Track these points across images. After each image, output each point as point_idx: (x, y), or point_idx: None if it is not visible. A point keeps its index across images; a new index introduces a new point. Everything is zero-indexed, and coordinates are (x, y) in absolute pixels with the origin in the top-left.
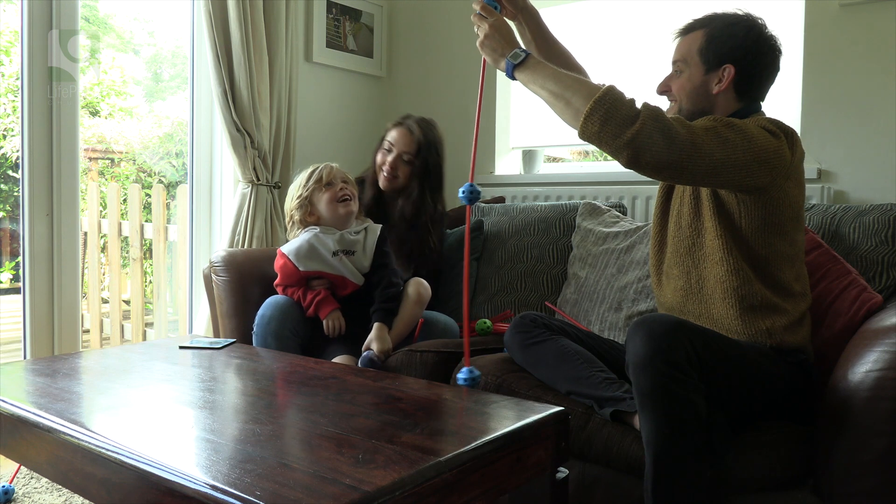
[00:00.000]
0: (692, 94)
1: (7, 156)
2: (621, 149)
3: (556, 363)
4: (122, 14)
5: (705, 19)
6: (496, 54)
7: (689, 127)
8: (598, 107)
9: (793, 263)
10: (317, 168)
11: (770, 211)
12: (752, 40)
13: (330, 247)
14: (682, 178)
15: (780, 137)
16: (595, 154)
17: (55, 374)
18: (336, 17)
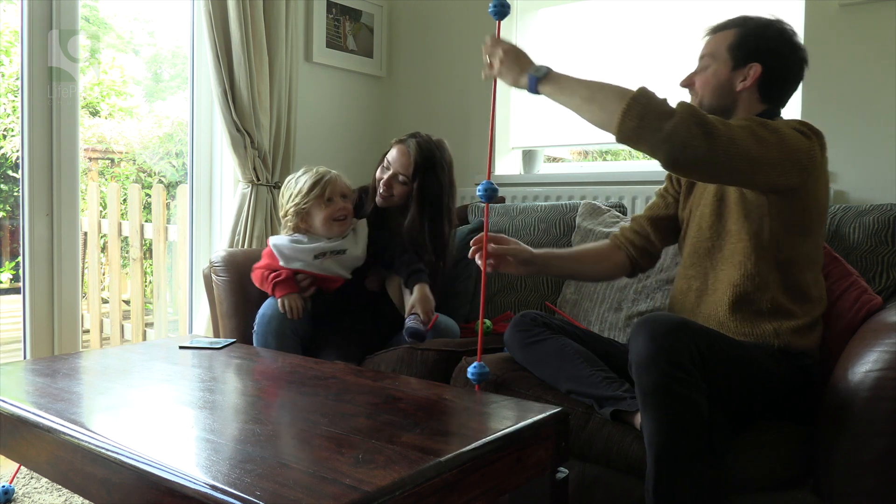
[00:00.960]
0: (716, 89)
1: (7, 156)
2: (661, 144)
3: (557, 362)
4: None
5: (739, 19)
6: (514, 73)
7: (726, 123)
8: (635, 104)
9: (814, 266)
10: (320, 178)
11: (798, 212)
12: (781, 43)
13: (313, 251)
14: (720, 176)
15: (812, 138)
16: (595, 154)
17: (55, 374)
18: (336, 18)
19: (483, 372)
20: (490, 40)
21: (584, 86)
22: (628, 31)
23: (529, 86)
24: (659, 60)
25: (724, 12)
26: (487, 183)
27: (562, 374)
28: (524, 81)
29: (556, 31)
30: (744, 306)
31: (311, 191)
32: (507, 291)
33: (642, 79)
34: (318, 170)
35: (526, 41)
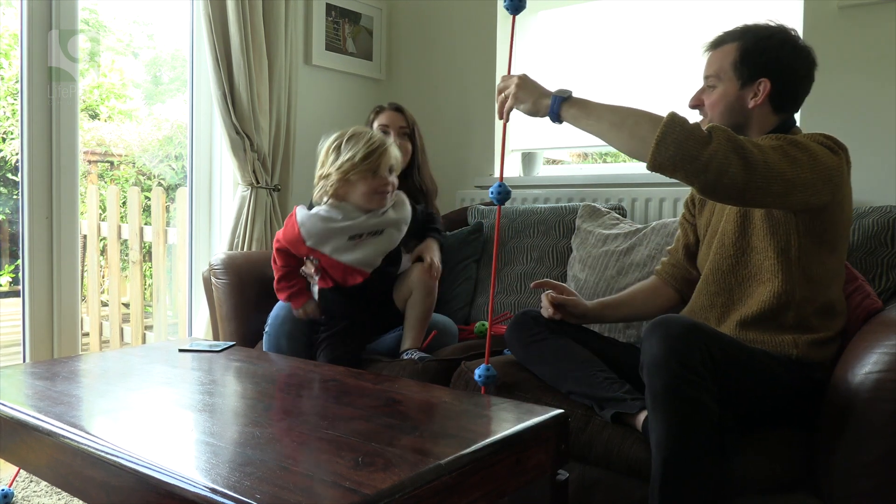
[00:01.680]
0: (727, 110)
1: (6, 159)
2: (700, 172)
3: (557, 362)
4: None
5: (737, 32)
6: (533, 98)
7: (759, 146)
8: (670, 131)
9: (839, 281)
10: (374, 149)
11: (827, 228)
12: (787, 53)
13: (348, 230)
14: (755, 201)
15: (839, 153)
16: (594, 156)
17: (55, 377)
18: (335, 20)
19: (490, 374)
20: (502, 77)
21: (612, 111)
22: (628, 33)
23: (552, 109)
24: (660, 62)
25: (724, 13)
26: (499, 185)
27: (562, 373)
28: (545, 104)
29: (556, 33)
30: (769, 321)
31: (364, 161)
32: (506, 293)
33: (643, 81)
34: (371, 137)
35: (526, 43)
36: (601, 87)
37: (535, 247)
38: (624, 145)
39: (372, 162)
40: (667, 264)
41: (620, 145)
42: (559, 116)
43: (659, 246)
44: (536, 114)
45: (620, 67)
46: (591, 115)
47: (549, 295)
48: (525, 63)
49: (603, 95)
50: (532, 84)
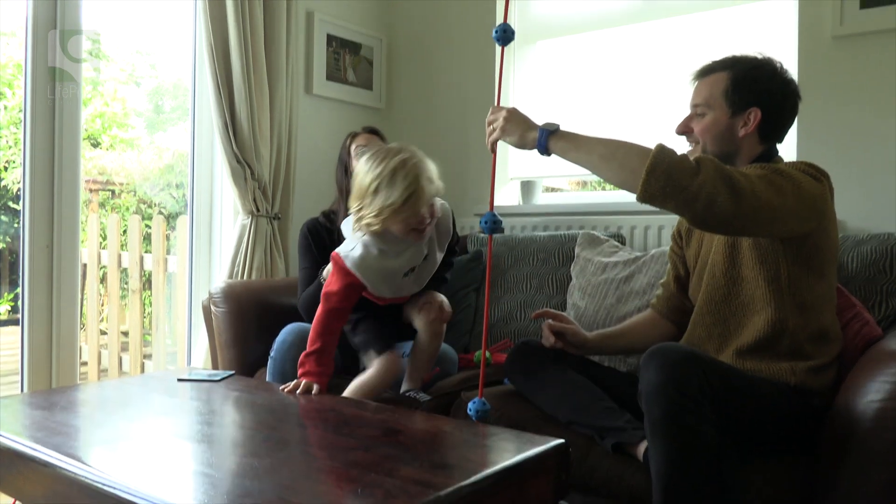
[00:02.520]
0: (718, 137)
1: (8, 187)
2: (690, 202)
3: (557, 391)
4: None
5: (727, 61)
6: (520, 130)
7: (745, 175)
8: (659, 162)
9: (831, 306)
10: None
11: (814, 254)
12: (777, 85)
13: (401, 268)
14: (743, 230)
15: (822, 181)
16: (593, 184)
17: (53, 407)
18: (336, 51)
19: (484, 408)
20: (491, 109)
21: (601, 143)
22: (625, 62)
23: (539, 142)
24: (655, 90)
25: (719, 43)
26: (490, 214)
27: (562, 403)
28: (532, 137)
29: (555, 62)
30: (764, 349)
31: (405, 204)
32: (506, 321)
33: (639, 108)
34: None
35: (525, 72)
36: (599, 114)
37: (535, 275)
38: (614, 177)
39: (414, 204)
40: (661, 297)
41: (610, 177)
42: (547, 149)
43: (658, 273)
44: (524, 146)
45: (617, 96)
46: (581, 147)
47: (549, 323)
48: (524, 92)
49: (601, 122)
50: (520, 117)
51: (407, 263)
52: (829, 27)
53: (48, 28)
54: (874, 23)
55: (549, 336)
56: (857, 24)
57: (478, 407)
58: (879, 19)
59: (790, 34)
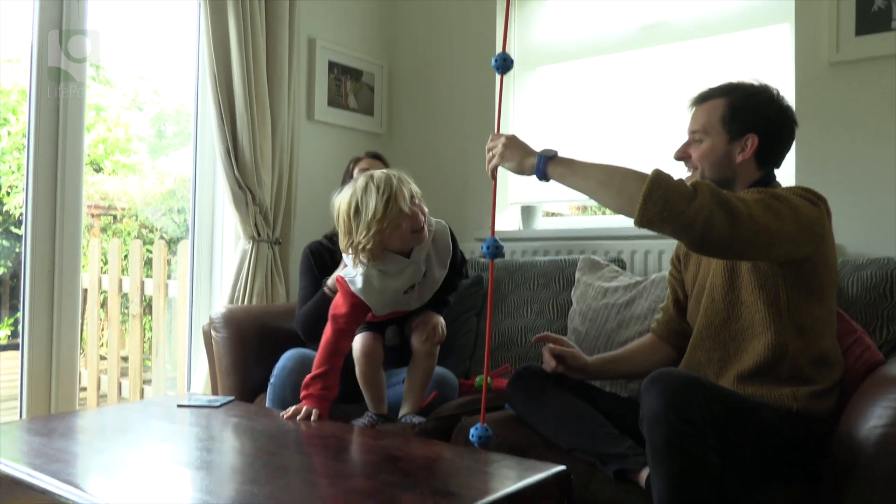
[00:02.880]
0: (716, 163)
1: (10, 212)
2: (687, 227)
3: (559, 417)
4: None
5: (725, 88)
6: (519, 157)
7: (743, 199)
8: (656, 187)
9: (831, 330)
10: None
11: (813, 278)
12: (774, 111)
13: (402, 286)
14: (741, 254)
15: (819, 205)
16: (593, 208)
17: (51, 433)
18: (337, 77)
19: (486, 435)
20: (491, 136)
21: (598, 169)
22: (623, 87)
23: (538, 168)
24: (653, 115)
25: (717, 69)
26: (492, 240)
27: (564, 429)
28: (530, 163)
29: (554, 88)
30: (765, 374)
31: (387, 210)
32: (507, 346)
33: (638, 135)
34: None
35: (525, 98)
36: (598, 140)
37: (536, 299)
38: (612, 202)
39: (395, 207)
40: (661, 321)
41: (608, 202)
42: (545, 175)
43: (659, 298)
44: (522, 172)
45: (616, 121)
46: (578, 173)
47: (550, 347)
48: (524, 117)
49: (600, 148)
50: (519, 143)
51: (407, 281)
52: (825, 54)
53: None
54: (870, 49)
55: (549, 360)
56: (853, 50)
57: (480, 433)
58: (875, 46)
59: (787, 60)
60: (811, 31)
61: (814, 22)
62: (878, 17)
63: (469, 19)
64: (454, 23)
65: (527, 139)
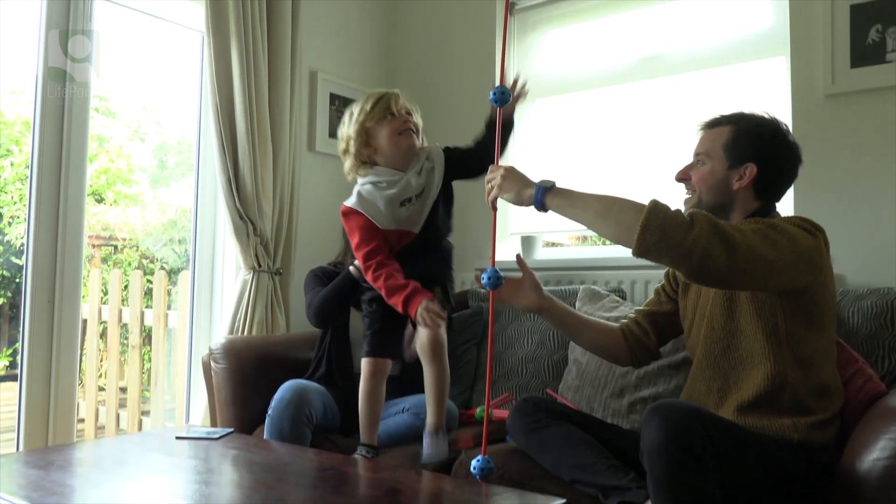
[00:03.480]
0: (713, 187)
1: (11, 242)
2: (684, 257)
3: (560, 449)
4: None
5: (733, 116)
6: (518, 188)
7: (739, 229)
8: (653, 217)
9: (830, 360)
10: (380, 96)
11: (812, 308)
12: (777, 143)
13: (397, 197)
14: (739, 284)
15: (817, 235)
16: (593, 238)
17: (49, 466)
18: (339, 109)
19: (488, 467)
20: (490, 167)
21: (596, 199)
22: (623, 119)
23: (536, 198)
24: (652, 148)
25: (712, 99)
26: (492, 271)
27: (566, 461)
28: (529, 194)
29: (553, 120)
30: (765, 404)
31: (373, 107)
32: (508, 377)
33: (637, 165)
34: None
35: (525, 129)
36: (597, 171)
37: (536, 330)
38: (609, 232)
39: (383, 104)
40: (630, 320)
41: (606, 232)
42: (543, 205)
43: None
44: (521, 203)
45: (615, 152)
46: (576, 203)
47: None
48: (524, 149)
49: (599, 178)
50: (517, 175)
51: (401, 193)
52: (821, 85)
53: (58, 86)
54: (865, 81)
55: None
56: (849, 82)
57: (481, 465)
58: (869, 78)
59: (783, 92)
60: (807, 63)
61: (809, 55)
62: (873, 49)
63: (468, 52)
64: (454, 55)
65: (526, 170)
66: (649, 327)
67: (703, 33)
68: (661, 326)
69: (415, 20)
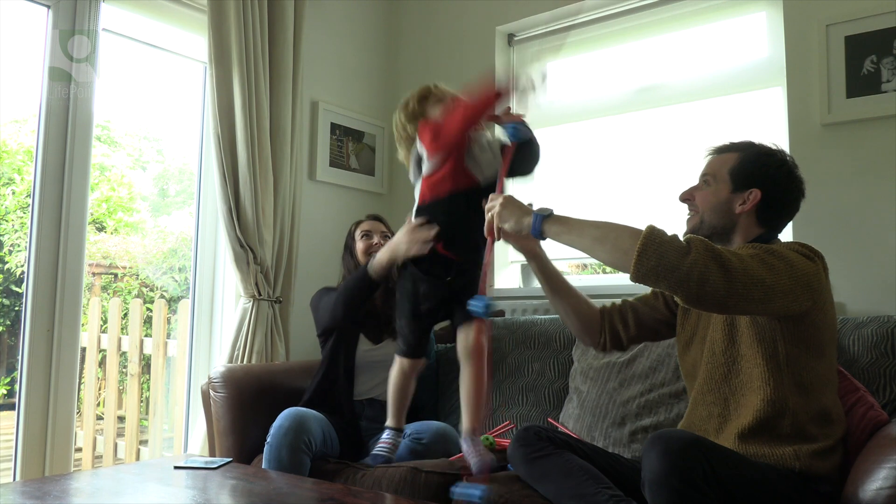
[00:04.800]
0: (715, 209)
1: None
2: (682, 282)
3: (561, 479)
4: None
5: (742, 144)
6: (517, 216)
7: (737, 254)
8: (650, 242)
9: (832, 387)
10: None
11: (812, 334)
12: (782, 173)
13: None
14: (737, 308)
15: (816, 260)
16: (593, 266)
17: (45, 496)
18: (339, 138)
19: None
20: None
21: (594, 225)
22: (624, 148)
23: (534, 226)
24: (653, 175)
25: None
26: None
27: (566, 491)
28: (527, 222)
29: (554, 149)
30: (766, 431)
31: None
32: (508, 406)
33: (638, 193)
34: None
35: None
36: (599, 198)
37: (537, 358)
38: (607, 258)
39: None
40: (615, 306)
41: (604, 258)
42: (542, 233)
43: (660, 357)
44: (520, 231)
45: (616, 180)
46: (573, 230)
47: None
48: None
49: (601, 205)
50: (516, 203)
51: None
52: (817, 115)
53: (61, 114)
54: (860, 111)
55: None
56: (844, 112)
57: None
58: (865, 108)
59: (780, 122)
60: (803, 93)
61: (805, 85)
62: (868, 79)
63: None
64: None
65: (526, 200)
66: (632, 321)
67: (700, 64)
68: (643, 325)
69: (415, 51)
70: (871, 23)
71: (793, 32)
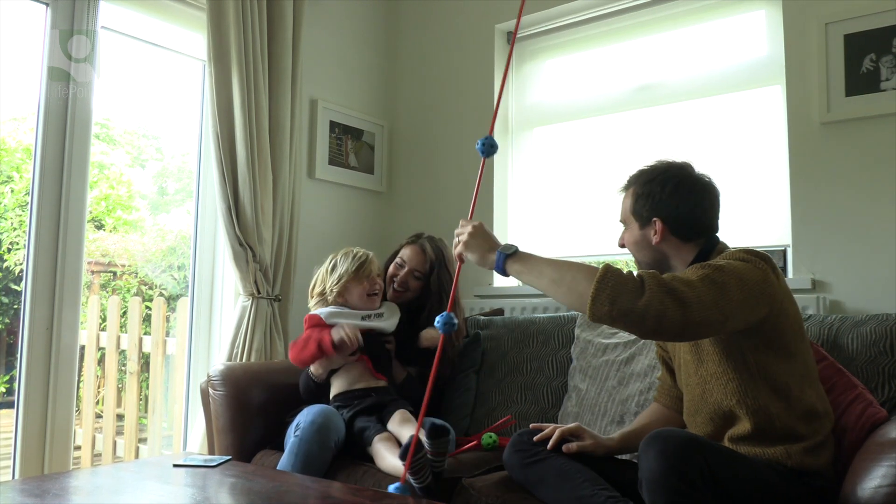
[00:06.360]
0: (640, 248)
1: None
2: (638, 322)
3: (558, 482)
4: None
5: (632, 178)
6: (482, 251)
7: (689, 282)
8: (603, 286)
9: (811, 382)
10: (360, 257)
11: (776, 336)
12: (668, 193)
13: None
14: (697, 334)
15: (761, 265)
16: None
17: (44, 494)
18: (338, 136)
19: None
20: (461, 221)
21: (552, 267)
22: (620, 147)
23: (497, 264)
24: None
25: (709, 128)
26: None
27: (563, 494)
28: (491, 259)
29: (552, 148)
30: (755, 438)
31: (358, 269)
32: (507, 404)
33: None
34: (356, 253)
35: (522, 158)
36: (595, 198)
37: (535, 357)
38: (565, 300)
39: (365, 269)
40: (662, 390)
41: (561, 300)
42: (504, 271)
43: None
44: (484, 266)
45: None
46: (533, 271)
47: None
48: (522, 176)
49: (596, 206)
50: (484, 236)
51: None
52: (816, 114)
53: (60, 112)
54: (859, 110)
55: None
56: (843, 111)
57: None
58: (864, 106)
59: (779, 120)
60: (802, 92)
61: (805, 83)
62: (867, 78)
63: (468, 81)
64: (453, 84)
65: (524, 199)
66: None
67: (699, 63)
68: None
69: (414, 49)
70: (871, 21)
71: (792, 31)
